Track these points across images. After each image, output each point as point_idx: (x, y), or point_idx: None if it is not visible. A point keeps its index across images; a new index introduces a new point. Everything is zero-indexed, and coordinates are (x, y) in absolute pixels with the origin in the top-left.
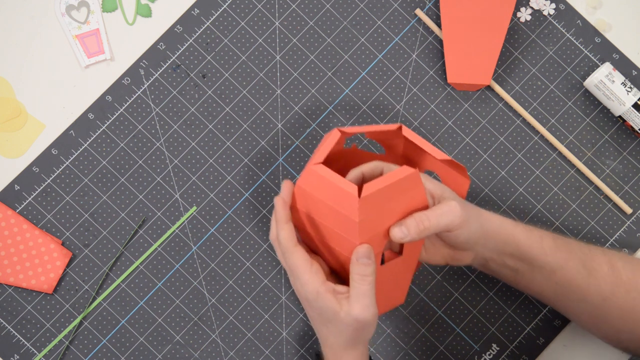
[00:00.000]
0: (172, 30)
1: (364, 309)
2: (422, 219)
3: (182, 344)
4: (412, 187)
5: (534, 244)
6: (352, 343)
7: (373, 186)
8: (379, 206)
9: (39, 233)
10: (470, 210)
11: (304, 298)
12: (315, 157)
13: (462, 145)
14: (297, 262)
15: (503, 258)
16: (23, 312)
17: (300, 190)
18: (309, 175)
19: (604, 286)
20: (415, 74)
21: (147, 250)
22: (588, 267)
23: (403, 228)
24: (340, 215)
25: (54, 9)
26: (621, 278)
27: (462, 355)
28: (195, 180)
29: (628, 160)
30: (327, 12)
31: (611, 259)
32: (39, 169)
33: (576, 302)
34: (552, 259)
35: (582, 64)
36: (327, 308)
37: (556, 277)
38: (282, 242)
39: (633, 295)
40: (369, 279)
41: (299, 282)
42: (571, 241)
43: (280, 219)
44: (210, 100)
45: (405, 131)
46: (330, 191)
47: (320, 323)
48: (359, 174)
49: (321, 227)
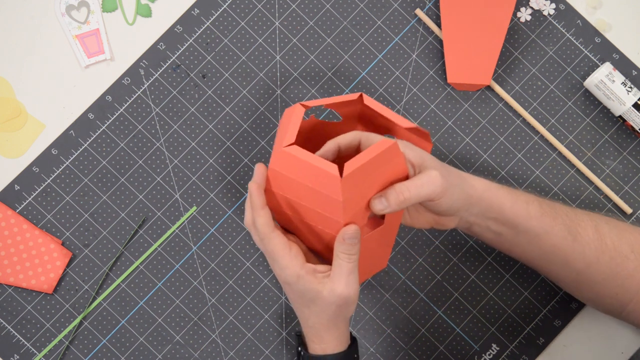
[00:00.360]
0: (172, 30)
1: (347, 285)
2: (402, 190)
3: (182, 344)
4: (391, 158)
5: (519, 209)
6: (333, 321)
7: (354, 163)
8: (360, 181)
9: (39, 233)
10: (453, 178)
11: (284, 282)
12: (286, 138)
13: (462, 145)
14: (275, 248)
15: (487, 222)
16: (23, 312)
17: (275, 173)
18: (283, 157)
19: (589, 252)
20: (415, 74)
21: (147, 250)
22: (573, 233)
23: (383, 200)
24: (321, 195)
25: (54, 9)
26: (606, 243)
27: (462, 355)
28: (195, 180)
29: (628, 160)
30: (327, 12)
31: (597, 224)
32: (39, 169)
33: (560, 267)
34: (537, 223)
35: (582, 64)
36: (308, 290)
37: (540, 241)
38: (260, 228)
39: (617, 261)
40: (354, 257)
41: (278, 266)
42: (557, 205)
43: (256, 204)
44: (210, 100)
45: (366, 100)
46: (308, 172)
47: (301, 305)
48: (335, 146)
49: (299, 207)
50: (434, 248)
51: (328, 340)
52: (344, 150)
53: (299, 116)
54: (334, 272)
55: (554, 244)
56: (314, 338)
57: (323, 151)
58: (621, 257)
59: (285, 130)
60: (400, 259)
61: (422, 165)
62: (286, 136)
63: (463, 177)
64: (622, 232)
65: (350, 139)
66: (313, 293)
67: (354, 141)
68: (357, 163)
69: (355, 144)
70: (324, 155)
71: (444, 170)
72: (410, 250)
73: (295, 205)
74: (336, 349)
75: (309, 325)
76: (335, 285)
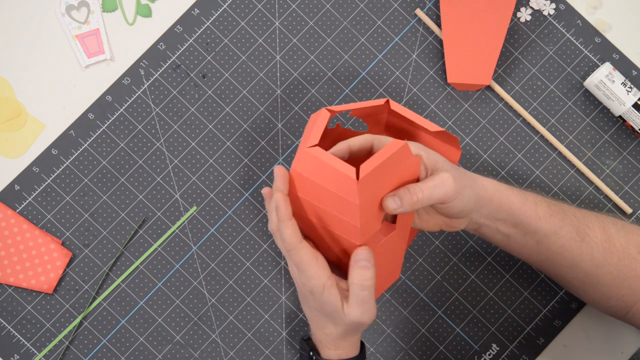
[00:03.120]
0: (172, 30)
1: (363, 313)
2: (415, 190)
3: (182, 344)
4: (403, 160)
5: (528, 209)
6: (349, 333)
7: (369, 165)
8: (375, 183)
9: (39, 233)
10: (465, 180)
11: (310, 291)
12: (309, 140)
13: (462, 145)
14: (303, 258)
15: (496, 224)
16: (23, 312)
17: (297, 175)
18: (305, 158)
19: (597, 253)
20: (415, 74)
21: (147, 250)
22: (582, 234)
23: (396, 199)
24: (338, 198)
25: (54, 9)
26: (614, 244)
27: (462, 355)
28: (195, 180)
29: (628, 160)
30: (327, 12)
31: (605, 225)
32: (39, 169)
33: (568, 268)
34: (546, 224)
35: (582, 64)
36: (331, 302)
37: (549, 242)
38: (287, 239)
39: (625, 262)
40: (368, 284)
41: (305, 276)
42: (566, 206)
43: (283, 216)
44: (210, 100)
45: (393, 105)
46: (327, 174)
47: (320, 313)
48: (346, 147)
49: (320, 211)
50: (434, 248)
51: (343, 346)
52: (355, 153)
53: (324, 120)
54: (351, 300)
55: (563, 245)
56: (329, 345)
57: (333, 151)
58: (629, 258)
59: (309, 133)
60: None
61: (434, 167)
62: (309, 139)
63: (474, 178)
64: (630, 234)
65: (363, 142)
66: (333, 307)
67: (366, 144)
68: (372, 165)
69: (367, 147)
70: (334, 154)
71: (456, 172)
72: (410, 250)
73: (315, 208)
74: (351, 353)
75: (324, 333)
76: (351, 311)
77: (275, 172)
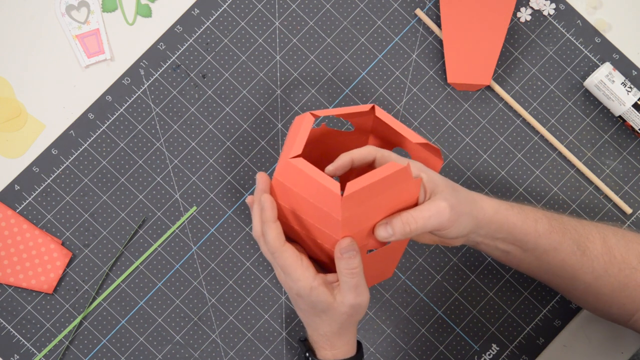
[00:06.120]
0: (172, 30)
1: (357, 295)
2: (408, 220)
3: (182, 344)
4: (400, 182)
5: (528, 227)
6: (345, 328)
7: (357, 184)
8: (364, 202)
9: (39, 233)
10: (463, 207)
11: (297, 294)
12: (293, 148)
13: (462, 145)
14: (287, 261)
15: (495, 242)
16: (23, 312)
17: (279, 184)
18: (288, 168)
19: (597, 265)
20: (415, 74)
21: (147, 250)
22: (582, 247)
23: (388, 228)
24: (321, 211)
25: (54, 9)
26: (614, 256)
27: (462, 355)
28: (195, 180)
29: (628, 160)
30: (327, 12)
31: (605, 236)
32: (39, 169)
33: (568, 280)
34: (546, 240)
35: (582, 64)
36: (320, 301)
37: (549, 257)
38: (270, 242)
39: (625, 272)
40: (356, 271)
41: (290, 279)
42: (566, 220)
43: (268, 218)
44: (210, 100)
45: (378, 112)
46: (310, 187)
47: (312, 314)
48: (349, 159)
49: (302, 220)
50: (434, 248)
51: (339, 345)
52: (357, 165)
53: (308, 126)
54: (342, 287)
55: (563, 259)
56: (324, 345)
57: (337, 164)
58: (629, 268)
59: (294, 139)
60: (401, 259)
61: (433, 191)
62: (293, 147)
63: (474, 201)
64: (630, 243)
65: (365, 155)
66: (325, 304)
67: (368, 157)
68: (360, 184)
69: (369, 160)
70: (337, 168)
71: (454, 199)
72: (410, 250)
73: (298, 217)
74: (347, 354)
75: (319, 334)
76: (345, 297)
77: (258, 179)
